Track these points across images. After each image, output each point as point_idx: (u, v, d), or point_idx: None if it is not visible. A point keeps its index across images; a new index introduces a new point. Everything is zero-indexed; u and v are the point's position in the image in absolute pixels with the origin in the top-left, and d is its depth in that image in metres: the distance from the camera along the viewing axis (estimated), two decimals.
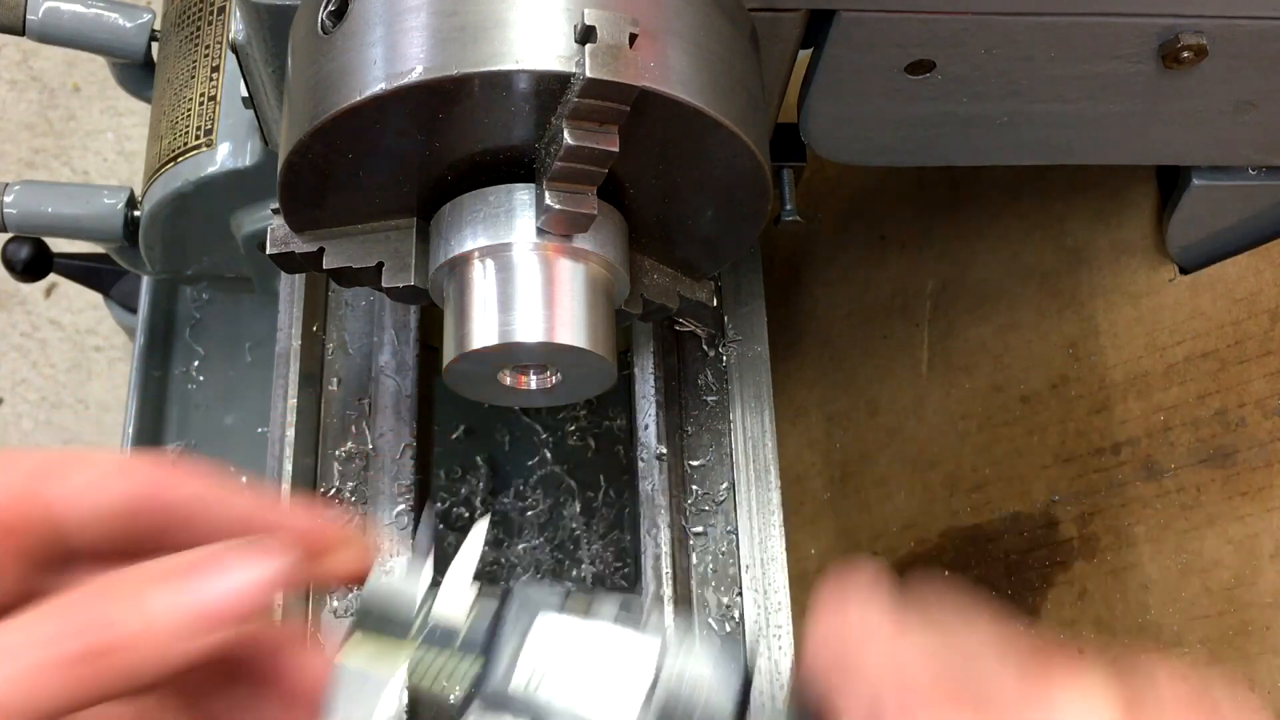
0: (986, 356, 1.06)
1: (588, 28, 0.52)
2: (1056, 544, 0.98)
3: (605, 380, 0.65)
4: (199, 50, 0.90)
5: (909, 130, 0.72)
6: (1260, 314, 0.88)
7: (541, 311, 0.59)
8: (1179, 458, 0.91)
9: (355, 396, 0.79)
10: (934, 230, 1.13)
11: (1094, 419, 0.97)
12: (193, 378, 1.14)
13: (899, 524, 1.12)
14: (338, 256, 0.64)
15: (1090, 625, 0.95)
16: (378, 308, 0.82)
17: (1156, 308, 0.94)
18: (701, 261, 0.71)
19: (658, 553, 0.74)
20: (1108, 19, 0.64)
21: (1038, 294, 1.03)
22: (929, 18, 0.63)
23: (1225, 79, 0.69)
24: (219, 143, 0.86)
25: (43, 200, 0.95)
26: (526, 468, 1.15)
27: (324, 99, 0.56)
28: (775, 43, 0.65)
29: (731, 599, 0.75)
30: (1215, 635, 0.87)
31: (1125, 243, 0.97)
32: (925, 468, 1.10)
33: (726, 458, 0.79)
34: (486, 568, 1.12)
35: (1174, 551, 0.90)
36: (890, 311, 1.16)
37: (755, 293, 0.84)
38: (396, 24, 0.55)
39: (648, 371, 0.79)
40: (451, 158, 0.60)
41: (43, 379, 1.70)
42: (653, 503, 0.75)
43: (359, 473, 0.77)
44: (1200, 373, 0.91)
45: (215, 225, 0.91)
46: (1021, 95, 0.69)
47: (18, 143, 1.83)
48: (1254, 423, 0.87)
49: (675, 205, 0.65)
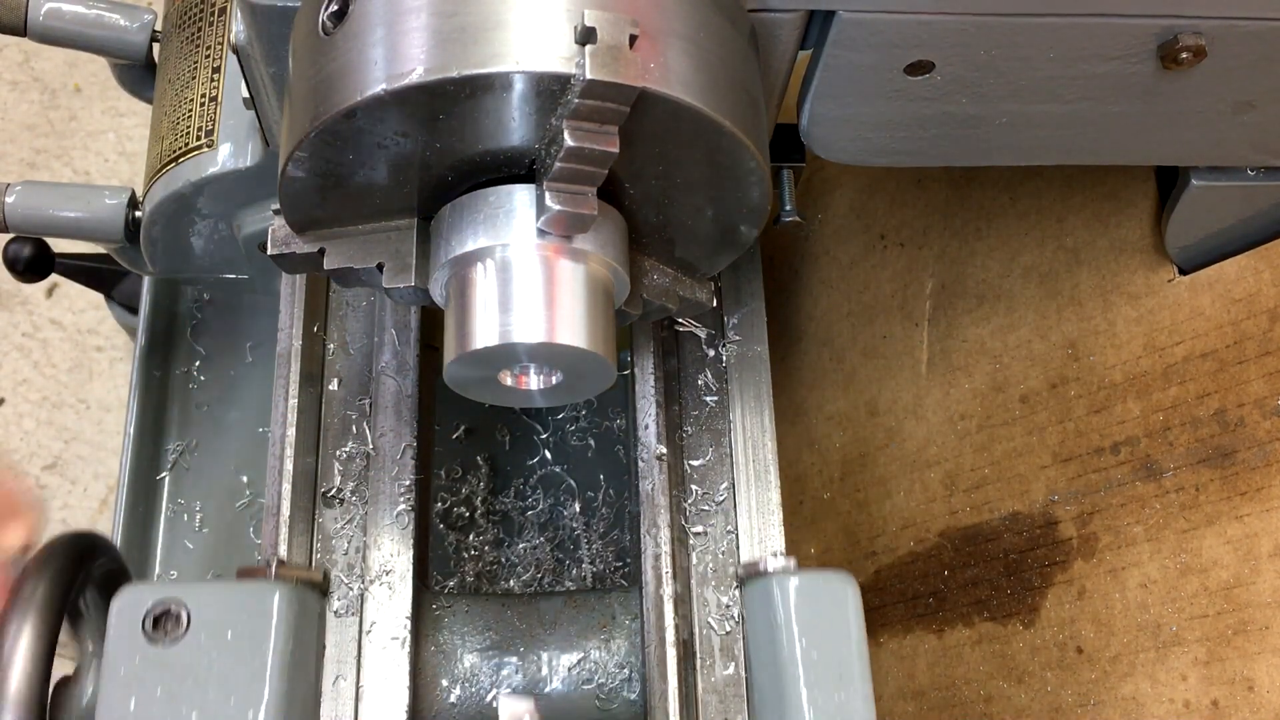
0: (986, 356, 1.06)
1: (588, 29, 0.52)
2: (1055, 543, 0.99)
3: (605, 380, 0.65)
4: (200, 51, 0.90)
5: (909, 130, 0.72)
6: (1259, 314, 0.88)
7: (541, 311, 0.59)
8: (1178, 458, 0.91)
9: (356, 396, 0.79)
10: (933, 230, 1.13)
11: (1093, 419, 0.97)
12: (194, 377, 1.14)
13: (898, 523, 1.12)
14: (338, 257, 0.64)
15: (1089, 624, 0.95)
16: (378, 308, 0.82)
17: (1155, 308, 0.95)
18: (701, 261, 0.71)
19: (658, 553, 0.74)
20: (1107, 20, 0.65)
21: (1037, 294, 1.03)
22: (929, 18, 0.63)
23: (1224, 79, 0.69)
24: (220, 143, 0.87)
25: (44, 201, 0.95)
26: (526, 468, 1.16)
27: (325, 100, 0.56)
28: (775, 43, 0.65)
29: (731, 599, 0.75)
30: (1214, 635, 0.87)
31: (1124, 243, 0.97)
32: (924, 467, 1.10)
33: (726, 458, 0.79)
34: (487, 567, 1.12)
35: (1173, 551, 0.90)
36: (890, 311, 1.16)
37: (755, 293, 0.84)
38: (397, 25, 0.55)
39: (648, 371, 0.79)
40: (452, 158, 0.60)
41: (44, 379, 1.70)
42: (653, 503, 0.75)
43: (359, 473, 0.77)
44: (1199, 373, 0.91)
45: (216, 226, 0.91)
46: (1021, 96, 0.69)
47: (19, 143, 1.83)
48: (1253, 423, 0.87)
49: (675, 205, 0.65)
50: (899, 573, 1.12)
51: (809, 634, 0.69)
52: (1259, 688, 0.84)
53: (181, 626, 0.64)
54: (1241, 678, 0.85)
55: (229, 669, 0.64)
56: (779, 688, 0.69)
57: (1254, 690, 0.84)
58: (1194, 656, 0.88)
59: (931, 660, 1.07)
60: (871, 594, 1.11)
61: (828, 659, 0.68)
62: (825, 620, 0.69)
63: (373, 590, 0.73)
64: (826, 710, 0.67)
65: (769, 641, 0.70)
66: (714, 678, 0.73)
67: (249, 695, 0.63)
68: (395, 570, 0.74)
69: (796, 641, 0.69)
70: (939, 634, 1.07)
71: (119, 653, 0.64)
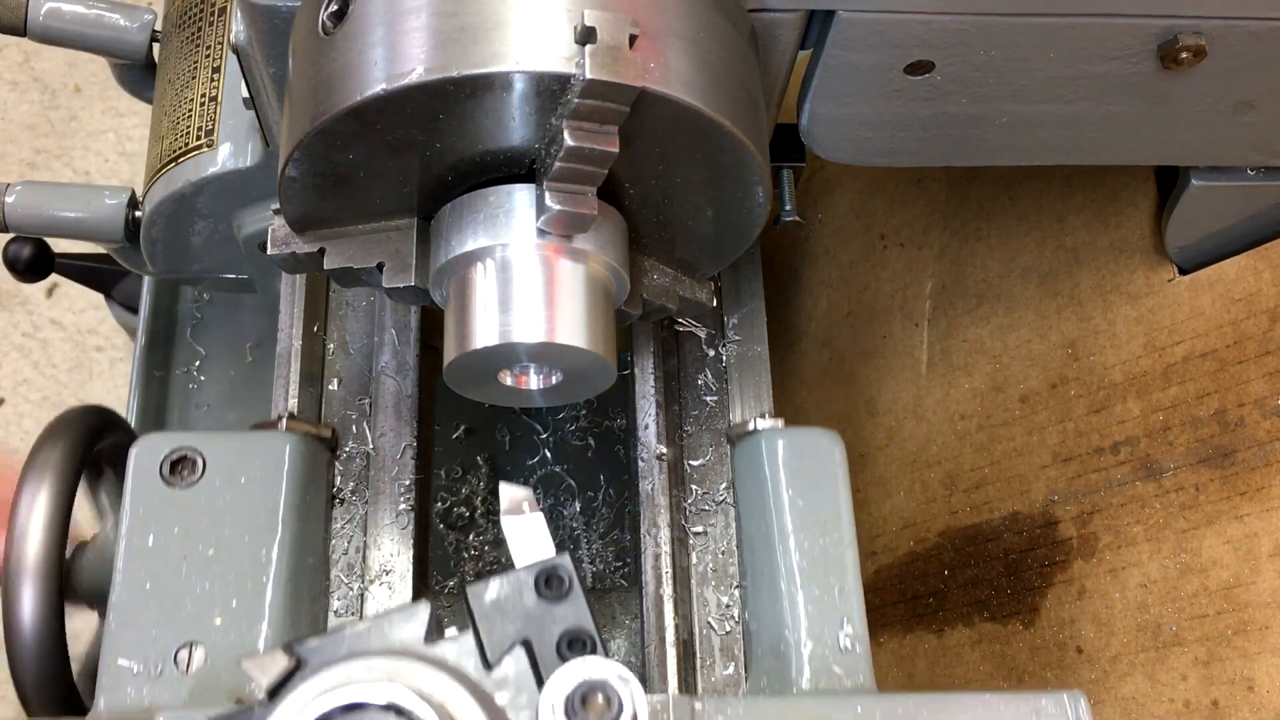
0: (986, 356, 1.06)
1: (588, 29, 0.52)
2: (1055, 543, 0.99)
3: (605, 380, 0.65)
4: (200, 51, 0.90)
5: (909, 130, 0.72)
6: (1259, 314, 0.88)
7: (541, 311, 0.59)
8: (1178, 458, 0.91)
9: (356, 396, 0.79)
10: (933, 230, 1.13)
11: (1093, 419, 0.97)
12: (194, 377, 1.14)
13: (898, 523, 1.12)
14: (338, 257, 0.64)
15: (1089, 624, 0.95)
16: (378, 308, 0.82)
17: (1155, 308, 0.95)
18: (701, 261, 0.71)
19: (658, 552, 0.74)
20: (1107, 20, 0.65)
21: (1037, 294, 1.03)
22: (929, 18, 0.63)
23: (1224, 79, 0.69)
24: (220, 143, 0.86)
25: (44, 200, 0.95)
26: (526, 468, 1.16)
27: (325, 99, 0.56)
28: (775, 43, 0.65)
29: (731, 598, 0.75)
30: (1214, 634, 0.87)
31: (1124, 243, 0.97)
32: (924, 467, 1.10)
33: (726, 457, 0.79)
34: (487, 567, 1.12)
35: (1173, 551, 0.90)
36: (890, 311, 1.16)
37: (755, 293, 0.84)
38: (397, 25, 0.55)
39: (648, 371, 0.79)
40: (452, 158, 0.60)
41: (44, 379, 1.70)
42: (653, 503, 0.75)
43: (359, 472, 0.77)
44: (1199, 373, 0.91)
45: (216, 225, 0.91)
46: (1021, 96, 0.69)
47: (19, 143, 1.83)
48: (1252, 423, 0.87)
49: (675, 205, 0.65)
50: (899, 573, 1.12)
51: (796, 484, 0.72)
52: (1259, 688, 0.84)
53: (197, 472, 0.68)
54: (1241, 678, 0.85)
55: (244, 510, 0.67)
56: (767, 535, 0.71)
57: (1254, 690, 0.84)
58: (1194, 656, 0.88)
59: (931, 660, 1.07)
60: (871, 594, 1.11)
61: (814, 506, 0.71)
62: (812, 472, 0.72)
63: (373, 590, 0.73)
64: (812, 554, 0.70)
65: (757, 494, 0.73)
66: (714, 678, 0.73)
67: (264, 532, 0.67)
68: (395, 570, 0.74)
69: (784, 491, 0.72)
70: (939, 634, 1.07)
71: (138, 494, 0.67)
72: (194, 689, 0.63)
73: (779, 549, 0.70)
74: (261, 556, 0.66)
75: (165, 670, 0.63)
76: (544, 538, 0.53)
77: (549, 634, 0.49)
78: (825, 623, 0.68)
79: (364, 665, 0.45)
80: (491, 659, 0.48)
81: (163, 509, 0.67)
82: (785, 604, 0.69)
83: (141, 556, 0.66)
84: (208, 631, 0.64)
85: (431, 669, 0.46)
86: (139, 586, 0.65)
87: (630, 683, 0.45)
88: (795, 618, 0.68)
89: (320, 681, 0.44)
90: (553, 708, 0.45)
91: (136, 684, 0.63)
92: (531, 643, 0.49)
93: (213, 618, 0.65)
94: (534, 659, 0.49)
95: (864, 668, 0.67)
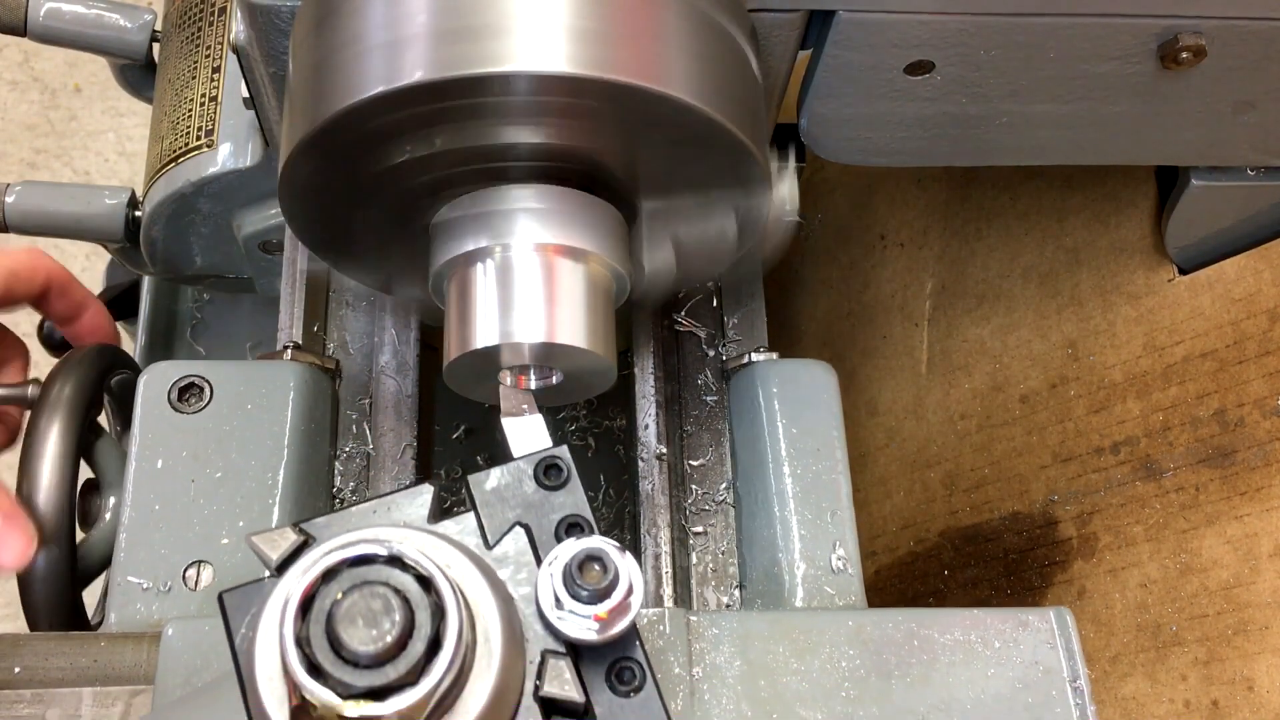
0: (985, 356, 1.06)
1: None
2: (1055, 543, 0.99)
3: (605, 380, 0.65)
4: (200, 51, 0.90)
5: (909, 130, 0.72)
6: (1259, 314, 0.88)
7: (541, 311, 0.60)
8: (1178, 457, 0.91)
9: (356, 396, 0.79)
10: (933, 230, 1.13)
11: (1093, 419, 0.97)
12: None
13: (898, 523, 1.12)
14: (339, 258, 0.64)
15: (1089, 624, 0.95)
16: (378, 308, 0.82)
17: (1155, 308, 0.95)
18: (702, 262, 0.71)
19: (658, 552, 0.74)
20: (1107, 20, 0.65)
21: (1037, 294, 1.03)
22: (929, 18, 0.63)
23: (1224, 79, 0.69)
24: (220, 143, 0.86)
25: (44, 200, 0.95)
26: None
27: (325, 100, 0.56)
28: (775, 43, 0.65)
29: (731, 598, 0.75)
30: (1214, 635, 0.87)
31: (1124, 243, 0.97)
32: (924, 467, 1.10)
33: (726, 457, 0.79)
34: None
35: (1173, 551, 0.90)
36: (890, 312, 1.16)
37: (755, 293, 0.84)
38: (398, 25, 0.55)
39: (648, 371, 0.79)
40: (452, 158, 0.60)
41: None
42: (653, 503, 0.75)
43: (359, 473, 0.77)
44: (1199, 373, 0.91)
45: (216, 225, 0.91)
46: (1021, 96, 0.69)
47: (19, 143, 1.83)
48: (1252, 423, 0.87)
49: (675, 205, 0.65)
50: (899, 573, 1.12)
51: (789, 412, 0.73)
52: (1259, 688, 0.84)
53: (204, 399, 0.70)
54: (1241, 678, 0.85)
55: (250, 435, 0.69)
56: (761, 461, 0.72)
57: (1254, 690, 0.84)
58: (1194, 656, 0.88)
59: None
60: (871, 594, 1.11)
61: (807, 434, 0.72)
62: (805, 401, 0.73)
63: None
64: (805, 479, 0.71)
65: (751, 423, 0.74)
66: None
67: (270, 456, 0.69)
68: None
69: (778, 419, 0.73)
70: None
71: (147, 419, 0.69)
72: (202, 605, 0.65)
73: (773, 475, 0.72)
74: (268, 480, 0.69)
75: (174, 587, 0.66)
76: (542, 435, 0.56)
77: (548, 520, 0.51)
78: (818, 545, 0.70)
79: (370, 534, 0.47)
80: (491, 541, 0.50)
81: (171, 434, 0.69)
82: (779, 528, 0.70)
83: (151, 479, 0.68)
84: (215, 551, 0.66)
85: (435, 539, 0.48)
86: (149, 508, 0.67)
87: (626, 555, 0.47)
88: (788, 541, 0.70)
89: (328, 545, 0.46)
90: (551, 576, 0.48)
91: (146, 600, 0.65)
92: (530, 527, 0.50)
93: (220, 538, 0.67)
94: (533, 541, 0.51)
95: (856, 588, 0.69)
